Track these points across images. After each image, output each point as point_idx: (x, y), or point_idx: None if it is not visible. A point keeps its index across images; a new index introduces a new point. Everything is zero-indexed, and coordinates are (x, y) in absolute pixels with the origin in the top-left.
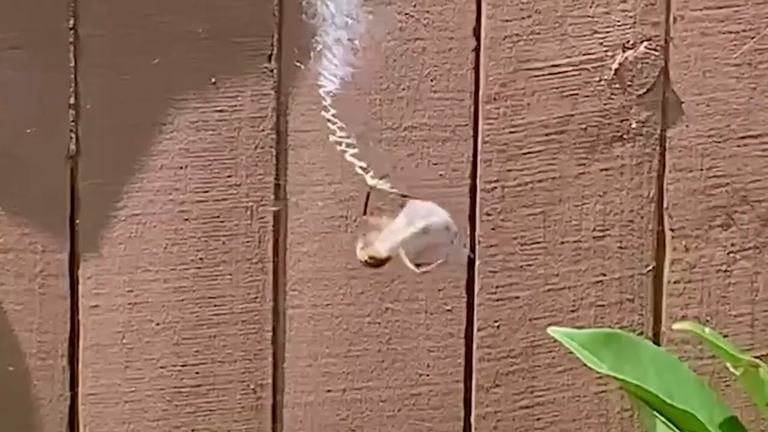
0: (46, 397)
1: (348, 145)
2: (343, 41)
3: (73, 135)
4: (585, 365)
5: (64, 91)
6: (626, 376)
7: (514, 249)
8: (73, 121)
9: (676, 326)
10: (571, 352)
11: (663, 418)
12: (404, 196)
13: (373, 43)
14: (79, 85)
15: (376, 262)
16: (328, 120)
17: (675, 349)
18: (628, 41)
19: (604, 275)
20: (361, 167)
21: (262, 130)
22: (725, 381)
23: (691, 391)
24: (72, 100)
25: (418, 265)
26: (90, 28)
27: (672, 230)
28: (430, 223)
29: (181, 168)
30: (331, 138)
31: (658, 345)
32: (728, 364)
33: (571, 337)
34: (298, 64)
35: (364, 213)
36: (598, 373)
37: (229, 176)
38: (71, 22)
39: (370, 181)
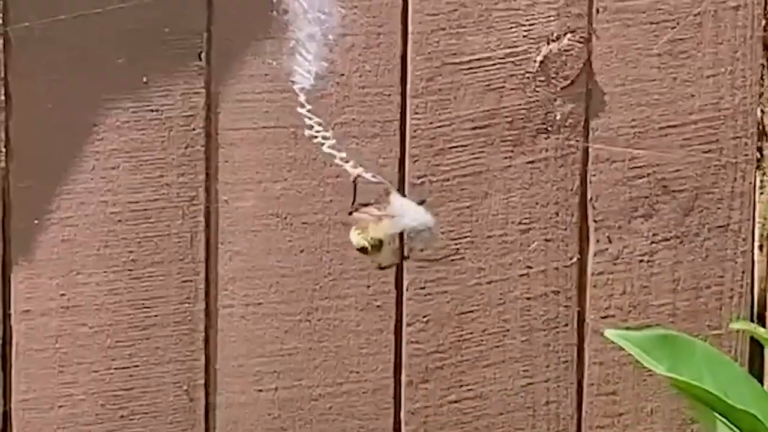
0: None
1: (324, 138)
2: (316, 37)
3: (4, 137)
4: (512, 359)
5: None
6: (682, 376)
7: (442, 243)
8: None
9: (733, 326)
10: (497, 346)
11: (723, 419)
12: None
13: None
14: (10, 87)
15: (377, 244)
16: (305, 116)
17: (601, 340)
18: (552, 33)
19: (530, 268)
20: (342, 158)
21: (193, 129)
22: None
23: (745, 390)
24: (2, 103)
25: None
26: (19, 29)
27: (595, 221)
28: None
29: (113, 169)
30: (307, 132)
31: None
32: None
33: (626, 338)
34: (271, 61)
35: (353, 201)
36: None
37: (161, 176)
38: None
39: (353, 171)
